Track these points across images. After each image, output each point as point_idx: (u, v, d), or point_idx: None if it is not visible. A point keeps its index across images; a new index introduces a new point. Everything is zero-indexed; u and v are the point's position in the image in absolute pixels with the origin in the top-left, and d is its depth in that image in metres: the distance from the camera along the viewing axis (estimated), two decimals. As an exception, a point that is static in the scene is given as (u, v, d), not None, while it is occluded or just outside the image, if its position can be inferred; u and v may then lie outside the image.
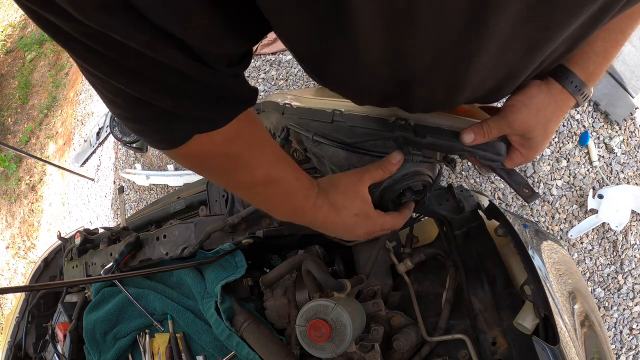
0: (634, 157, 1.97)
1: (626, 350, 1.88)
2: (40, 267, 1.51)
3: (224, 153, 0.47)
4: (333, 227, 0.61)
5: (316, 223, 0.60)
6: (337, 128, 0.70)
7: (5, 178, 4.77)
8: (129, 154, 3.62)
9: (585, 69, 0.53)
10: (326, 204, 0.58)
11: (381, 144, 0.68)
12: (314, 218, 0.58)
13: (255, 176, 0.50)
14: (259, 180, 0.51)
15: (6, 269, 4.37)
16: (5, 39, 5.86)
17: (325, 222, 0.60)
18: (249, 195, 0.56)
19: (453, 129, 0.62)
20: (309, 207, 0.57)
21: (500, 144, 0.61)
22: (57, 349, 1.17)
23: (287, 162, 0.54)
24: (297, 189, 0.55)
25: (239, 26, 0.36)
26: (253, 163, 0.49)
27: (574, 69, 0.53)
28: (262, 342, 0.83)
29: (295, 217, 0.59)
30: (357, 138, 0.69)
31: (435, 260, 0.93)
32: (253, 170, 0.50)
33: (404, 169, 0.68)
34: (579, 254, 1.97)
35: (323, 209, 0.58)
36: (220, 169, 0.50)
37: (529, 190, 0.64)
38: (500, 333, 0.79)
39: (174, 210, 1.28)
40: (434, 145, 0.64)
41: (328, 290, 0.83)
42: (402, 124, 0.64)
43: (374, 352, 0.78)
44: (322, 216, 0.58)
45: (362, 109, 0.68)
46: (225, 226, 0.87)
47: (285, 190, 0.54)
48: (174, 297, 0.99)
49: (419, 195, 0.72)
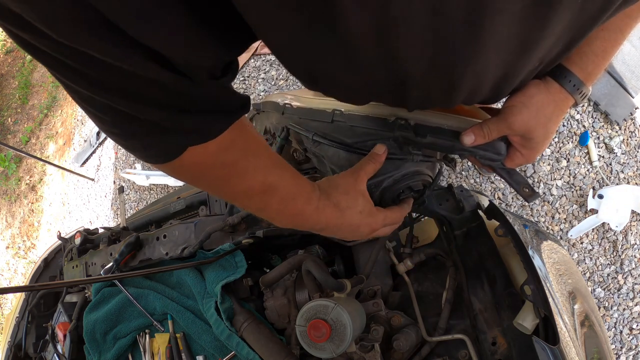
0: (634, 157, 1.97)
1: (626, 350, 1.88)
2: (40, 267, 1.51)
3: (219, 162, 0.46)
4: (336, 229, 0.61)
5: (318, 226, 0.59)
6: (337, 128, 0.70)
7: (5, 178, 4.77)
8: (129, 154, 3.62)
9: (584, 69, 0.53)
10: (329, 205, 0.57)
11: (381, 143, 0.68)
12: (316, 221, 0.58)
13: (252, 184, 0.49)
14: (257, 188, 0.50)
15: (6, 269, 4.37)
16: (5, 39, 5.86)
17: (328, 224, 0.59)
18: (248, 204, 0.55)
19: (453, 129, 0.62)
20: (311, 211, 0.56)
21: (501, 143, 0.61)
22: (57, 349, 1.17)
23: (284, 167, 0.53)
24: (297, 194, 0.54)
25: (218, 37, 0.35)
26: (249, 170, 0.48)
27: (572, 68, 0.53)
28: (262, 342, 0.83)
29: (297, 222, 0.58)
30: (358, 138, 0.69)
31: (435, 260, 0.93)
32: (249, 177, 0.49)
33: (404, 168, 0.68)
34: (579, 254, 1.97)
35: (326, 212, 0.57)
36: (216, 179, 0.49)
37: (529, 190, 0.64)
38: (500, 333, 0.79)
39: (174, 210, 1.28)
40: (434, 145, 0.64)
41: (328, 290, 0.83)
42: (402, 124, 0.64)
43: (374, 352, 0.78)
44: (326, 218, 0.58)
45: (363, 109, 0.68)
46: (225, 226, 0.87)
47: (284, 197, 0.53)
48: (174, 297, 0.99)
49: (418, 194, 0.72)
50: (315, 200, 0.56)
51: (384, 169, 0.69)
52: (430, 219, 0.96)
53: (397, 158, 0.68)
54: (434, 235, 0.95)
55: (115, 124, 0.39)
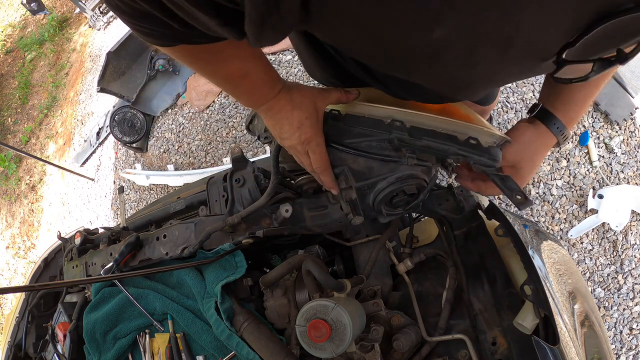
0: (634, 157, 1.97)
1: (626, 350, 1.88)
2: (40, 267, 1.52)
3: (208, 48, 0.53)
4: (279, 122, 0.66)
5: (270, 112, 0.66)
6: (333, 128, 0.70)
7: (5, 178, 4.77)
8: (129, 154, 3.62)
9: (566, 115, 0.65)
10: (286, 97, 0.64)
11: (376, 145, 0.68)
12: (270, 107, 0.65)
13: (233, 69, 0.59)
14: (235, 72, 0.59)
15: (6, 269, 4.37)
16: (5, 39, 5.86)
17: (279, 113, 0.65)
18: (223, 84, 0.63)
19: (448, 132, 0.62)
20: (270, 97, 0.64)
21: (496, 149, 0.61)
22: (57, 349, 1.17)
23: (261, 59, 0.61)
24: (266, 81, 0.63)
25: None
26: (232, 57, 0.57)
27: (557, 114, 0.65)
28: (262, 342, 0.83)
29: (257, 103, 0.66)
30: (353, 138, 0.69)
31: (435, 260, 0.93)
32: (231, 63, 0.58)
33: (398, 171, 0.68)
34: (579, 254, 1.97)
35: (281, 102, 0.64)
36: (204, 62, 0.58)
37: (522, 197, 0.63)
38: (500, 333, 0.79)
39: (174, 210, 1.28)
40: (429, 148, 0.64)
41: (328, 290, 0.83)
42: (397, 126, 0.64)
43: (374, 352, 0.78)
44: (278, 108, 0.65)
45: (359, 110, 0.68)
46: (225, 226, 0.87)
47: (255, 82, 0.62)
48: (174, 297, 0.99)
49: (412, 198, 0.72)
50: (277, 89, 0.64)
51: (378, 171, 0.69)
52: (430, 219, 0.96)
53: (392, 160, 0.68)
54: (434, 235, 0.95)
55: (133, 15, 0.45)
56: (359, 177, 0.70)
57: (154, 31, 0.48)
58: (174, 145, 3.35)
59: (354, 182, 0.71)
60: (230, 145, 3.07)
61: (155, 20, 0.45)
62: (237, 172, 0.91)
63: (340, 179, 0.72)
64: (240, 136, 3.03)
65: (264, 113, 0.67)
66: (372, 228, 0.95)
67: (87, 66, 4.63)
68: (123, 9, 0.44)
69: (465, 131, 0.63)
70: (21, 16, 6.06)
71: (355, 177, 0.70)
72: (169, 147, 3.37)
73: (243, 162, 0.91)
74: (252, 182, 0.89)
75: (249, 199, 0.88)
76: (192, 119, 3.34)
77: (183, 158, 3.26)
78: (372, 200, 0.71)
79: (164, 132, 3.45)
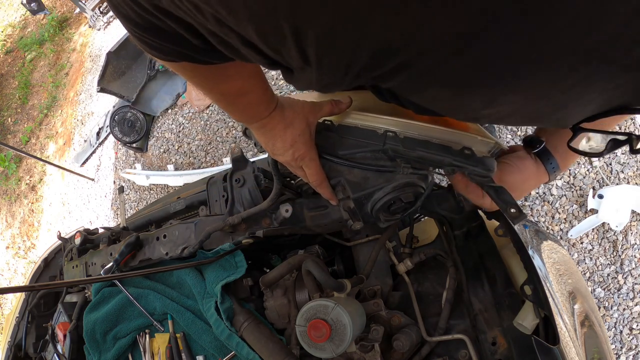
0: (634, 157, 1.97)
1: (626, 350, 1.88)
2: (40, 267, 1.52)
3: (212, 66, 0.53)
4: (272, 139, 0.67)
5: (262, 129, 0.67)
6: (327, 139, 0.70)
7: (5, 178, 4.77)
8: (129, 154, 3.62)
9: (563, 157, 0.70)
10: (279, 115, 0.65)
11: (371, 155, 0.67)
12: (263, 124, 0.65)
13: (232, 86, 0.59)
14: (234, 90, 0.60)
15: (6, 269, 4.38)
16: (5, 39, 5.87)
17: (271, 131, 0.66)
18: (219, 99, 0.63)
19: (442, 143, 0.62)
20: (265, 115, 0.64)
21: (491, 159, 0.61)
22: (57, 349, 1.17)
23: (260, 78, 0.61)
24: (262, 101, 0.63)
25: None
26: (235, 75, 0.57)
27: (555, 155, 0.70)
28: (262, 342, 0.83)
29: (250, 120, 0.66)
30: (347, 150, 0.69)
31: (435, 260, 0.93)
32: (233, 81, 0.58)
33: (394, 181, 0.68)
34: (579, 254, 1.97)
35: (274, 120, 0.65)
36: (204, 77, 0.58)
37: (516, 211, 0.62)
38: (500, 333, 0.79)
39: (174, 210, 1.28)
40: (422, 159, 0.63)
41: (328, 290, 0.83)
42: (391, 136, 0.64)
43: (374, 352, 0.78)
44: (271, 126, 0.66)
45: (352, 120, 0.68)
46: (225, 226, 0.87)
47: (252, 101, 0.62)
48: (174, 297, 0.99)
49: (410, 205, 0.72)
50: (271, 108, 0.65)
51: (374, 181, 0.69)
52: (430, 219, 0.96)
53: (387, 170, 0.68)
54: (434, 235, 0.95)
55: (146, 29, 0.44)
56: (356, 188, 0.70)
57: (162, 46, 0.46)
58: (174, 145, 3.35)
59: (351, 193, 0.71)
60: (230, 145, 3.07)
61: (168, 36, 0.44)
62: (237, 172, 0.91)
63: (338, 189, 0.72)
64: (240, 136, 3.03)
65: (256, 130, 0.67)
66: (372, 228, 0.95)
67: (87, 66, 4.63)
68: (133, 18, 0.43)
69: (459, 140, 0.62)
70: (21, 16, 6.06)
71: (352, 188, 0.70)
72: (169, 147, 3.37)
73: (243, 162, 0.91)
74: (252, 182, 0.89)
75: (249, 199, 0.88)
76: (192, 119, 3.34)
77: (183, 158, 3.26)
78: (370, 209, 0.71)
79: (164, 132, 3.45)
